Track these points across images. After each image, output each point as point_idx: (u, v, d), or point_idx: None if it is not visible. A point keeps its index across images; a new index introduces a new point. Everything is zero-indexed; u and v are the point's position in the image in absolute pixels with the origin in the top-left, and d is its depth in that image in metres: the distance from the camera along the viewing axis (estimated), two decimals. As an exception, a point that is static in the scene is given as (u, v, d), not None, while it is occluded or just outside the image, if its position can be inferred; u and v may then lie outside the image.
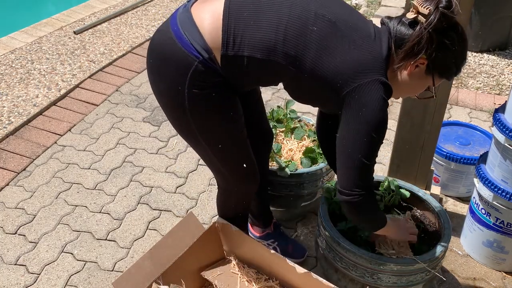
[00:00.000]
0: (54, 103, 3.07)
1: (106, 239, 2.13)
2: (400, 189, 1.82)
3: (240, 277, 1.68)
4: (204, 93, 1.31)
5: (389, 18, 1.34)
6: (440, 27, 1.22)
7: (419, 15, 1.24)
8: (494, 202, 1.86)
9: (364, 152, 1.30)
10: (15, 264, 2.00)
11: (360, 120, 1.27)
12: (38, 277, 1.95)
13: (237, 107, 1.42)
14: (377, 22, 1.42)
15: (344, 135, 1.32)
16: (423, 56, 1.26)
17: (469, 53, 3.93)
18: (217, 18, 1.26)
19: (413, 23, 1.26)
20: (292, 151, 2.12)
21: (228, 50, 1.26)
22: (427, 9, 1.22)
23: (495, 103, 3.24)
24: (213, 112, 1.37)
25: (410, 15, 1.26)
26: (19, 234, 2.14)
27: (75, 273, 1.97)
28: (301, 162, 2.05)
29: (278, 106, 2.30)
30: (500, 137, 1.78)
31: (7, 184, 2.43)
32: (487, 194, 1.87)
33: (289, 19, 1.26)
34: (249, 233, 2.01)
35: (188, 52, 1.26)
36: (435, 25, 1.21)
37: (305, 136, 2.20)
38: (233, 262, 1.74)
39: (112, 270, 1.99)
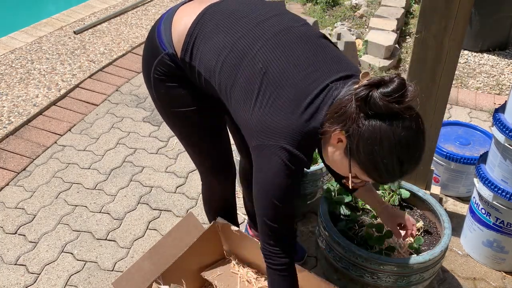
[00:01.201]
0: (54, 103, 3.07)
1: (106, 239, 2.13)
2: (400, 189, 1.82)
3: (240, 277, 1.68)
4: (164, 79, 1.39)
5: (355, 83, 1.11)
6: (364, 110, 1.03)
7: (358, 84, 1.06)
8: (494, 202, 1.86)
9: (266, 213, 1.23)
10: (15, 264, 2.00)
11: (259, 180, 1.21)
12: (38, 277, 1.95)
13: (198, 103, 1.42)
14: (377, 22, 1.38)
15: (253, 188, 1.25)
16: (341, 131, 1.08)
17: (469, 53, 3.92)
18: (187, 23, 1.31)
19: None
20: (292, 151, 2.12)
21: (186, 56, 1.31)
22: (364, 81, 1.04)
23: (495, 103, 3.24)
24: (171, 101, 1.43)
25: (354, 84, 1.09)
26: (19, 234, 2.14)
27: (75, 273, 1.97)
28: (301, 162, 2.05)
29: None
30: (500, 137, 1.78)
31: (7, 184, 2.43)
32: (487, 194, 1.87)
33: (231, 50, 1.22)
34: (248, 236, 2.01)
35: (159, 42, 1.36)
36: (359, 102, 1.03)
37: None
38: (233, 262, 1.74)
39: (112, 270, 1.99)
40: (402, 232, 1.59)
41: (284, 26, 1.24)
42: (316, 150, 1.59)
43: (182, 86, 1.39)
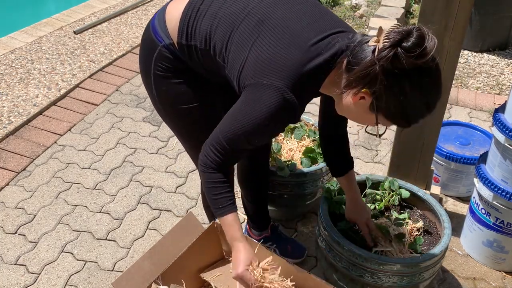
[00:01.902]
0: (54, 103, 3.07)
1: (106, 239, 2.13)
2: (400, 189, 1.82)
3: None
4: (165, 75, 1.39)
5: (362, 35, 1.18)
6: (390, 69, 1.05)
7: (378, 45, 1.08)
8: (494, 202, 1.86)
9: (226, 137, 1.23)
10: (15, 264, 2.00)
11: (241, 111, 1.20)
12: (38, 277, 1.95)
13: (201, 97, 1.43)
14: (377, 22, 1.39)
15: (229, 111, 1.25)
16: (366, 90, 1.11)
17: (469, 53, 3.93)
18: (180, 9, 1.34)
19: (374, 51, 1.10)
20: (292, 150, 2.12)
21: (182, 39, 1.32)
22: (384, 42, 1.06)
23: (495, 103, 3.24)
24: (173, 96, 1.43)
25: (372, 42, 1.11)
26: (19, 234, 2.14)
27: (75, 273, 1.97)
28: (301, 162, 2.05)
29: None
30: (500, 137, 1.78)
31: (7, 184, 2.43)
32: (487, 194, 1.87)
33: (225, 12, 1.27)
34: (247, 236, 2.01)
35: (154, 36, 1.37)
36: (384, 63, 1.05)
37: (305, 136, 2.20)
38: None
39: (112, 270, 1.99)
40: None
41: None
42: (318, 149, 1.58)
43: (183, 82, 1.40)
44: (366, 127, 1.29)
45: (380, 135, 1.21)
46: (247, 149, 1.29)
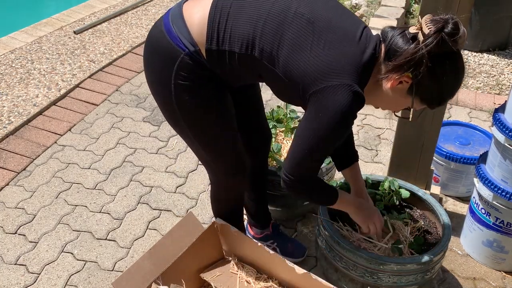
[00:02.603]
0: (54, 103, 3.07)
1: (106, 239, 2.13)
2: (400, 189, 1.82)
3: (239, 277, 1.68)
4: (189, 85, 1.35)
5: (392, 27, 1.28)
6: (436, 53, 1.17)
7: (420, 32, 1.19)
8: (494, 202, 1.86)
9: (310, 147, 1.30)
10: (15, 264, 2.00)
11: (318, 120, 1.25)
12: (38, 277, 1.95)
13: (223, 101, 1.43)
14: (377, 21, 1.42)
15: (300, 126, 1.32)
16: (408, 74, 1.21)
17: (469, 53, 3.93)
18: (204, 13, 1.30)
19: (413, 38, 1.21)
20: (292, 151, 2.12)
21: (212, 44, 1.29)
22: (429, 29, 1.16)
23: (495, 103, 3.24)
24: (197, 104, 1.40)
25: (413, 30, 1.22)
26: (19, 234, 2.14)
27: (75, 273, 1.97)
28: (301, 162, 2.05)
29: (278, 106, 2.31)
30: (500, 137, 1.78)
31: (7, 184, 2.43)
32: (487, 194, 1.87)
33: (268, 15, 1.27)
34: (248, 234, 2.01)
35: (175, 44, 1.31)
36: (431, 48, 1.16)
37: (305, 136, 2.19)
38: (233, 262, 1.74)
39: (112, 270, 1.99)
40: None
41: None
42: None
43: (204, 88, 1.37)
44: (395, 112, 1.39)
45: (412, 118, 1.31)
46: (328, 154, 1.39)
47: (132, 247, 2.09)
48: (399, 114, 1.39)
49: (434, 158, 2.25)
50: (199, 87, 1.37)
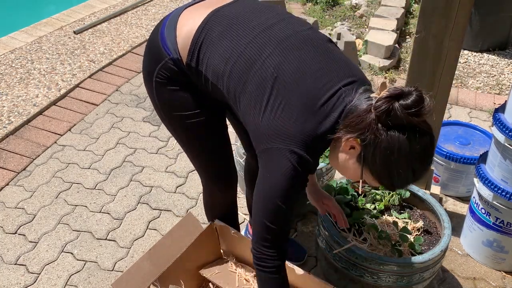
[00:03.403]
0: (54, 103, 3.07)
1: (106, 239, 2.13)
2: (400, 189, 1.82)
3: (238, 275, 1.68)
4: (167, 84, 1.37)
5: (366, 88, 1.19)
6: (384, 121, 1.07)
7: (378, 96, 1.09)
8: (494, 202, 1.86)
9: (266, 215, 1.23)
10: (15, 264, 2.00)
11: (265, 182, 1.21)
12: (38, 276, 1.95)
13: (200, 108, 1.41)
14: (377, 21, 1.39)
15: (255, 190, 1.26)
16: (356, 139, 1.12)
17: (469, 53, 3.92)
18: (192, 28, 1.30)
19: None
20: (292, 151, 2.12)
21: (192, 61, 1.30)
22: (384, 93, 1.07)
23: (495, 103, 3.24)
24: (173, 107, 1.40)
25: (373, 94, 1.13)
26: (19, 234, 2.14)
27: (75, 273, 1.97)
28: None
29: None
30: (500, 137, 1.78)
31: (7, 184, 2.43)
32: (487, 193, 1.87)
33: (239, 56, 1.23)
34: (247, 235, 2.01)
35: (162, 47, 1.33)
36: (379, 113, 1.06)
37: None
38: (231, 262, 1.74)
39: (112, 270, 1.99)
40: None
41: (291, 31, 1.25)
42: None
43: (184, 89, 1.38)
44: (354, 182, 1.29)
45: (362, 192, 1.21)
46: (289, 219, 1.28)
47: (132, 247, 2.09)
48: (355, 184, 1.30)
49: (434, 158, 2.25)
50: (175, 88, 1.38)
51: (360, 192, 1.20)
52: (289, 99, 1.17)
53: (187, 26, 1.31)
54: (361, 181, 1.18)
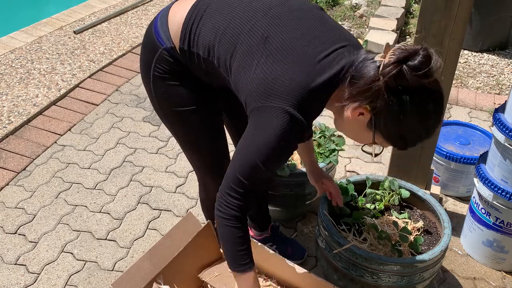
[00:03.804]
0: (54, 102, 3.07)
1: (106, 239, 2.13)
2: (400, 189, 1.82)
3: None
4: (165, 77, 1.38)
5: (367, 52, 1.18)
6: (393, 86, 1.05)
7: (384, 60, 1.07)
8: (494, 202, 1.86)
9: (241, 171, 1.20)
10: (15, 264, 2.00)
11: (250, 140, 1.19)
12: (38, 276, 1.95)
13: (201, 100, 1.43)
14: (377, 21, 1.39)
15: (238, 145, 1.24)
16: (366, 106, 1.11)
17: (469, 53, 3.92)
18: (183, 13, 1.33)
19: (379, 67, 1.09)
20: (292, 151, 2.12)
21: (184, 44, 1.31)
22: (390, 58, 1.05)
23: (495, 103, 3.24)
24: (171, 99, 1.41)
25: (378, 57, 1.11)
26: (19, 234, 2.14)
27: (75, 273, 1.97)
28: (300, 162, 2.05)
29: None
30: (500, 137, 1.78)
31: (7, 184, 2.43)
32: (487, 193, 1.87)
33: (228, 24, 1.25)
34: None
35: (156, 38, 1.36)
36: (388, 79, 1.05)
37: (305, 136, 2.20)
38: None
39: (112, 270, 1.99)
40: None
41: (280, 0, 1.27)
42: (318, 149, 1.56)
43: (181, 84, 1.39)
44: (363, 146, 1.29)
45: (375, 155, 1.22)
46: (265, 179, 1.26)
47: (132, 247, 2.09)
48: (365, 148, 1.29)
49: (434, 158, 2.25)
50: (175, 82, 1.39)
51: (373, 156, 1.20)
52: (281, 57, 1.16)
53: (178, 14, 1.34)
54: (374, 146, 1.19)
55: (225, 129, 1.61)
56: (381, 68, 1.06)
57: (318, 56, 1.16)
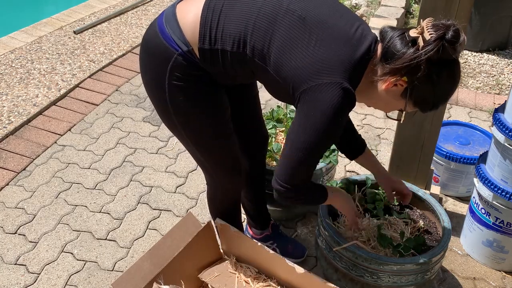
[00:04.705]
0: (54, 103, 3.07)
1: (106, 239, 2.13)
2: (400, 189, 1.82)
3: (237, 277, 1.68)
4: (183, 85, 1.35)
5: (392, 28, 1.26)
6: (435, 59, 1.15)
7: (421, 37, 1.16)
8: (494, 202, 1.86)
9: (304, 152, 1.28)
10: (15, 264, 2.00)
11: (309, 120, 1.24)
12: (38, 276, 1.95)
13: (219, 102, 1.43)
14: (377, 21, 1.42)
15: (292, 129, 1.30)
16: (404, 78, 1.20)
17: (469, 53, 3.93)
18: (197, 12, 1.30)
19: (413, 42, 1.18)
20: (292, 151, 2.12)
21: (205, 44, 1.29)
22: (430, 35, 1.14)
23: (494, 103, 3.24)
24: (192, 105, 1.39)
25: (413, 33, 1.18)
26: (19, 234, 2.14)
27: (75, 273, 1.97)
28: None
29: (278, 106, 2.31)
30: (500, 137, 1.78)
31: (7, 184, 2.43)
32: (487, 193, 1.88)
33: (259, 12, 1.26)
34: (247, 235, 2.01)
35: (168, 44, 1.31)
36: (431, 55, 1.14)
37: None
38: (231, 262, 1.73)
39: (112, 270, 1.99)
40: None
41: None
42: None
43: (199, 87, 1.37)
44: (387, 113, 1.38)
45: (402, 121, 1.31)
46: (319, 158, 1.34)
47: (132, 247, 2.09)
48: (391, 115, 1.38)
49: (434, 158, 2.25)
50: (193, 89, 1.36)
51: (400, 122, 1.33)
52: (322, 35, 1.22)
53: (191, 13, 1.31)
54: (403, 113, 1.28)
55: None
56: (422, 44, 1.15)
57: (350, 30, 1.24)
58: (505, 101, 1.83)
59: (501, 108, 1.83)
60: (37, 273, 1.96)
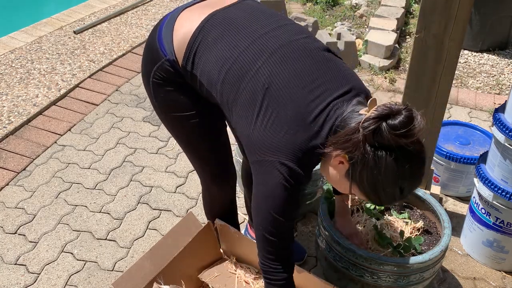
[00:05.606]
0: (54, 102, 3.07)
1: (106, 239, 2.13)
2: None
3: (237, 277, 1.68)
4: (164, 85, 1.38)
5: (359, 102, 1.18)
6: (370, 141, 1.06)
7: (366, 114, 1.08)
8: (494, 202, 1.86)
9: (265, 228, 1.23)
10: (15, 264, 2.00)
11: (260, 193, 1.22)
12: (38, 276, 1.95)
13: (200, 109, 1.41)
14: (377, 21, 1.39)
15: (253, 198, 1.27)
16: (345, 155, 1.12)
17: (469, 53, 3.92)
18: (189, 30, 1.29)
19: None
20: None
21: (187, 64, 1.30)
22: (372, 112, 1.06)
23: (495, 103, 3.24)
24: (171, 107, 1.41)
25: (363, 111, 1.12)
26: (19, 234, 2.14)
27: (75, 273, 1.97)
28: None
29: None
30: (500, 137, 1.78)
31: (7, 184, 2.43)
32: (487, 193, 1.87)
33: (234, 63, 1.22)
34: (248, 235, 2.01)
35: (160, 48, 1.34)
36: (367, 134, 1.05)
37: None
38: (231, 262, 1.73)
39: (112, 270, 1.99)
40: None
41: (287, 39, 1.24)
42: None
43: (181, 90, 1.38)
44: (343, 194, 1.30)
45: (351, 207, 1.23)
46: (289, 228, 1.28)
47: (132, 247, 2.09)
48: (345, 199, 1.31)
49: (434, 158, 2.25)
50: (173, 91, 1.38)
51: (350, 206, 1.22)
52: (280, 111, 1.16)
53: (184, 29, 1.31)
54: (350, 196, 1.20)
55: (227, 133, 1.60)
56: (362, 121, 1.07)
57: (315, 110, 1.15)
58: (505, 101, 1.83)
59: (501, 108, 1.83)
60: (37, 273, 1.96)
